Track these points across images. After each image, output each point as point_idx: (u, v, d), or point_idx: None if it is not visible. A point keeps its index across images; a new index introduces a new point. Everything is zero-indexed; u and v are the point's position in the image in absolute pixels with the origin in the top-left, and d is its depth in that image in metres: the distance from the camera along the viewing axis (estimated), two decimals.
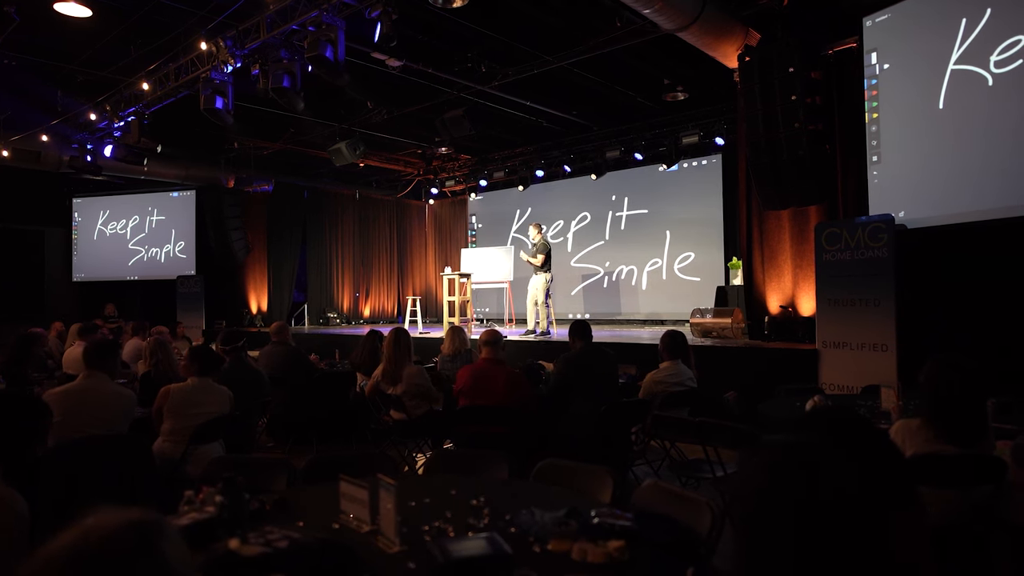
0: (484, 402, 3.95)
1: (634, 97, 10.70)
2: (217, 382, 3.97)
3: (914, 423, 2.69)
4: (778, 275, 7.45)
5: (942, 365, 2.63)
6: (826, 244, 6.26)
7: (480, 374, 4.04)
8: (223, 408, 3.59)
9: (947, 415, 2.58)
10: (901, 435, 2.69)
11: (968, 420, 2.58)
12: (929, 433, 2.61)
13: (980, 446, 2.61)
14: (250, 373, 4.39)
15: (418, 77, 9.44)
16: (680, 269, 11.92)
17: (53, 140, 10.07)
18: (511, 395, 3.99)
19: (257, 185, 13.63)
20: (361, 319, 15.07)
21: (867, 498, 1.06)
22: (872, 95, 6.30)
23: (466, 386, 4.02)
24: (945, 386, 2.59)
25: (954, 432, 2.58)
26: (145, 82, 8.04)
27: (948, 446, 2.56)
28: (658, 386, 4.47)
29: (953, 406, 2.57)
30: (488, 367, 4.07)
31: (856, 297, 6.03)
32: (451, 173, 14.65)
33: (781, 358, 6.64)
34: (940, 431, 2.59)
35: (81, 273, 14.64)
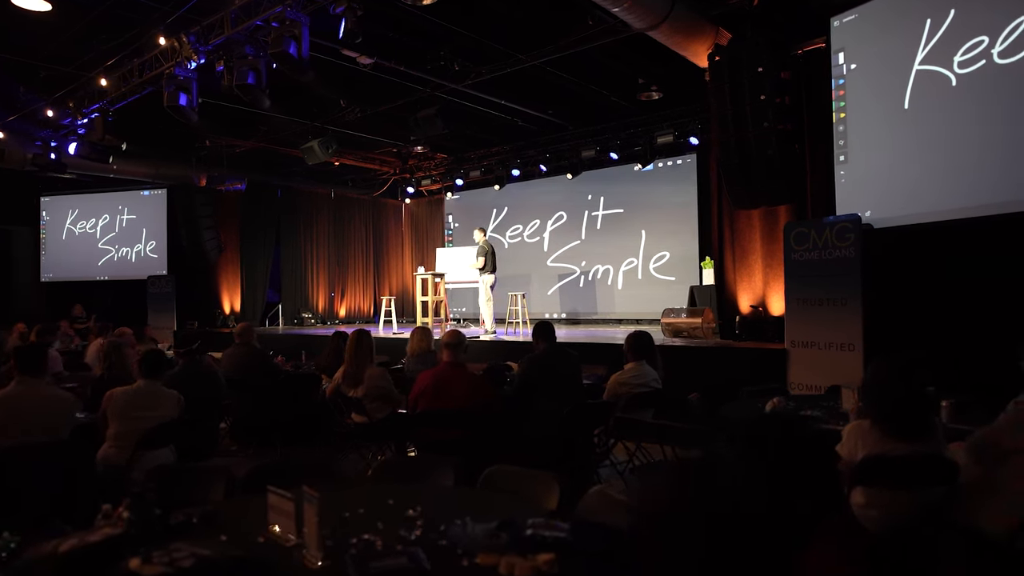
0: (444, 406, 3.87)
1: (608, 96, 10.67)
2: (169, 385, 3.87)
3: (865, 423, 2.70)
4: (749, 275, 7.46)
5: (882, 363, 2.67)
6: (794, 244, 6.26)
7: (440, 378, 3.96)
8: (171, 412, 3.49)
9: (891, 412, 2.59)
10: (854, 436, 2.70)
11: (913, 415, 2.60)
12: (878, 432, 2.62)
13: (929, 442, 2.62)
14: (205, 376, 4.28)
15: (391, 75, 9.34)
16: (656, 268, 11.93)
17: (15, 137, 9.83)
18: (472, 399, 3.92)
19: (230, 184, 13.42)
20: (337, 319, 14.92)
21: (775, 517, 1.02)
22: (839, 95, 6.31)
23: (426, 390, 3.94)
24: (886, 383, 2.62)
25: (902, 428, 2.59)
26: (108, 78, 7.86)
27: (899, 443, 2.57)
28: (622, 387, 4.42)
29: (896, 402, 2.59)
30: (448, 371, 4.00)
31: (824, 297, 6.04)
32: (427, 172, 14.56)
33: (751, 358, 6.64)
34: (887, 428, 2.60)
35: (49, 273, 14.36)
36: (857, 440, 2.69)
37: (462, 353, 4.08)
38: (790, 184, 6.81)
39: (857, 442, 2.68)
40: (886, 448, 2.58)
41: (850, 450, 2.70)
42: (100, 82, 8.05)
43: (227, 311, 13.83)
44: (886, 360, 2.71)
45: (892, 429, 2.60)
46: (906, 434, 2.59)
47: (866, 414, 2.75)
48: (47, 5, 7.01)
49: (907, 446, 2.56)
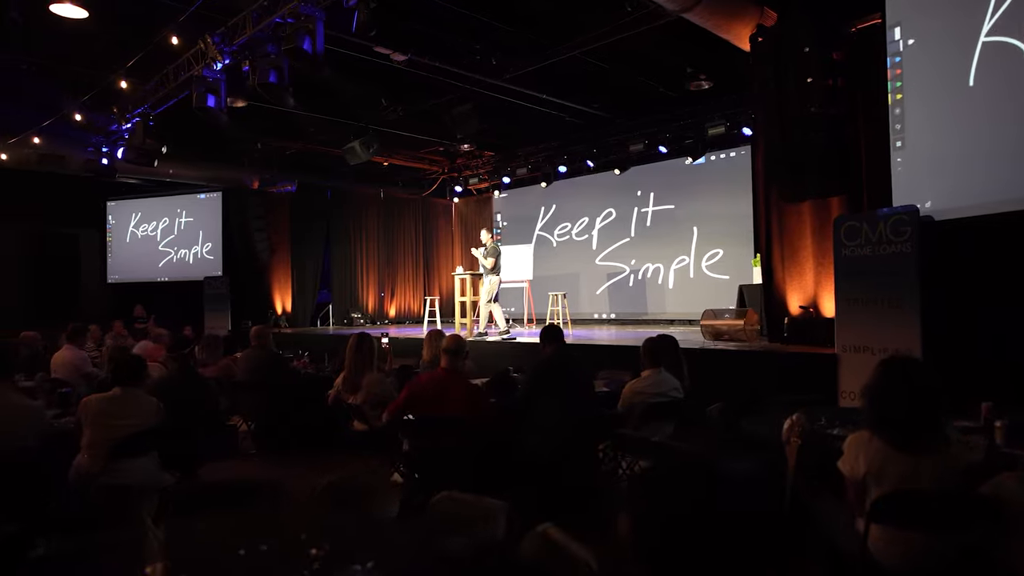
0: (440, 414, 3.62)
1: (656, 87, 10.21)
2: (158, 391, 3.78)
3: (866, 434, 2.42)
4: (799, 273, 6.90)
5: (882, 364, 2.42)
6: (845, 239, 5.71)
7: (437, 385, 3.71)
8: (147, 420, 3.37)
9: (890, 419, 2.33)
10: (854, 449, 2.42)
11: (915, 423, 2.31)
12: (879, 443, 2.35)
13: (939, 454, 2.31)
14: (196, 382, 4.17)
15: (428, 72, 9.20)
16: (708, 267, 11.36)
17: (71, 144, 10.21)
18: (469, 409, 3.65)
19: (281, 186, 13.63)
20: (386, 319, 14.95)
21: None
22: (896, 74, 5.71)
23: (420, 396, 3.70)
24: (884, 387, 2.36)
25: (905, 438, 2.32)
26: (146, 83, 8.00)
27: (902, 454, 2.28)
28: (637, 397, 4.07)
29: (895, 408, 2.32)
30: (445, 378, 3.74)
31: (878, 297, 5.47)
32: (475, 171, 14.39)
33: (798, 363, 6.11)
34: (888, 438, 2.33)
35: (115, 275, 14.95)
36: (858, 453, 2.38)
37: (461, 361, 3.82)
38: (842, 174, 6.24)
39: (858, 456, 2.38)
40: (888, 461, 2.29)
41: (852, 465, 2.39)
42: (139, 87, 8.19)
43: (279, 311, 14.05)
44: (887, 361, 2.44)
45: (893, 439, 2.32)
46: (910, 445, 2.30)
47: (866, 423, 2.43)
48: (84, 12, 7.16)
49: (912, 459, 2.28)
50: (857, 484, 2.38)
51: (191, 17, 7.17)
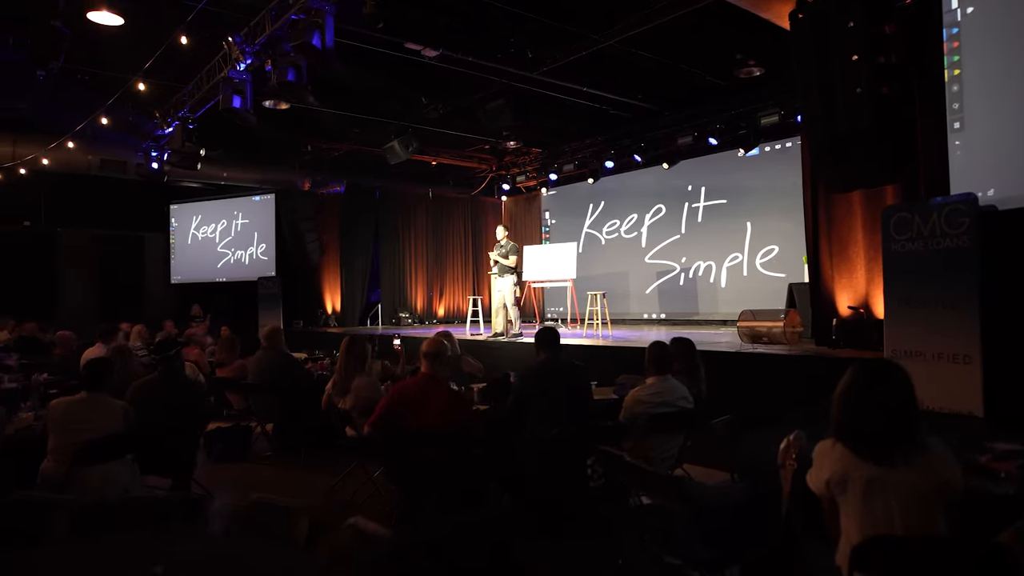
0: (420, 423, 3.40)
1: (703, 76, 9.70)
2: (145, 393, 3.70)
3: (830, 441, 2.16)
4: (849, 270, 6.33)
5: (857, 371, 2.16)
6: (895, 232, 5.15)
7: (418, 391, 3.48)
8: (111, 425, 3.28)
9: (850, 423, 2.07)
10: (819, 457, 2.16)
11: (890, 437, 2.02)
12: (841, 450, 2.08)
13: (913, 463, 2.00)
14: (182, 384, 4.08)
15: (463, 68, 9.02)
16: (763, 264, 10.73)
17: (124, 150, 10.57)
18: (450, 418, 3.41)
19: (331, 187, 13.78)
20: (435, 319, 14.90)
21: None
22: (952, 48, 5.11)
23: (400, 403, 3.48)
24: (848, 390, 2.11)
25: (869, 445, 2.03)
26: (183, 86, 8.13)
27: (865, 463, 2.02)
28: (639, 406, 3.72)
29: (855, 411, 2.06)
30: (425, 385, 3.51)
31: (931, 297, 4.91)
32: (522, 168, 14.14)
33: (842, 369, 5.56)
34: (851, 445, 2.06)
35: (178, 276, 15.48)
36: (823, 461, 2.12)
37: (442, 365, 3.58)
38: (896, 160, 5.65)
39: (823, 463, 2.11)
40: (852, 467, 2.02)
41: (816, 476, 2.12)
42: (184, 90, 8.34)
43: (329, 311, 14.21)
44: (859, 365, 2.17)
45: (856, 447, 2.04)
46: (875, 453, 2.01)
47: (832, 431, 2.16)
48: (119, 19, 7.31)
49: (877, 469, 2.01)
50: (826, 499, 2.11)
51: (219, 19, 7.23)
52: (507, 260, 8.94)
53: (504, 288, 8.95)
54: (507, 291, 8.91)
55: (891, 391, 2.04)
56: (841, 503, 2.06)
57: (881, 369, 2.11)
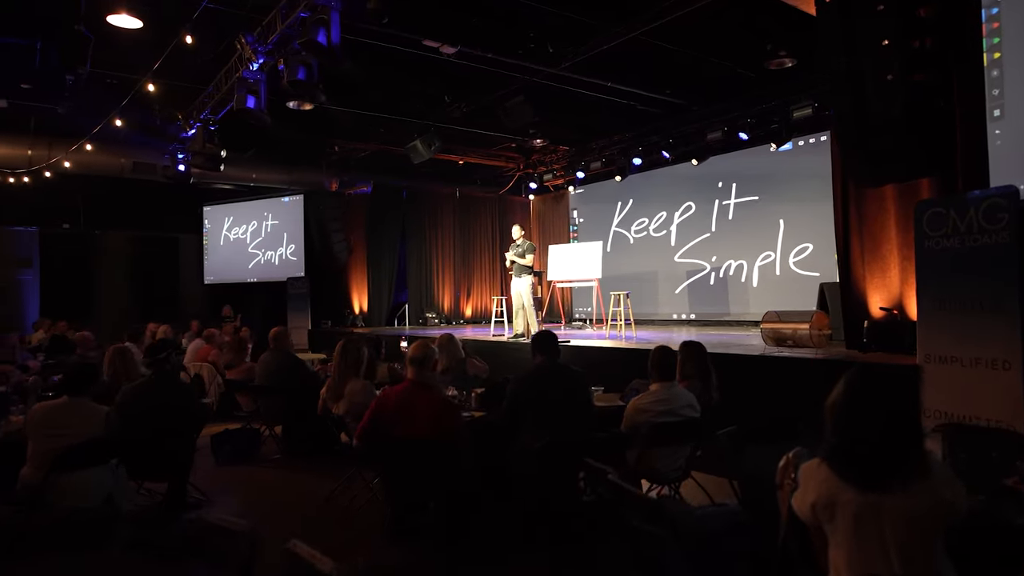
0: (406, 431, 3.25)
1: (733, 68, 9.36)
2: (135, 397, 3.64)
3: (816, 461, 1.91)
4: (881, 269, 5.98)
5: (851, 384, 1.87)
6: (928, 228, 4.83)
7: (400, 400, 3.34)
8: (90, 431, 3.21)
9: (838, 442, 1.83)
10: (806, 478, 1.91)
11: (880, 451, 1.76)
12: (826, 471, 1.82)
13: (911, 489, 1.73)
14: (175, 387, 4.00)
15: (484, 64, 8.87)
16: (796, 263, 10.33)
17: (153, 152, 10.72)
18: (436, 426, 3.25)
19: (358, 187, 13.80)
20: (462, 319, 14.80)
21: None
22: (992, 28, 4.74)
23: (386, 410, 3.34)
24: (839, 403, 1.85)
25: (859, 470, 1.77)
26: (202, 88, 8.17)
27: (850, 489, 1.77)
28: (641, 415, 3.51)
29: (845, 429, 1.81)
30: (411, 391, 3.36)
31: (968, 298, 4.57)
32: (549, 166, 13.93)
33: None
34: (836, 468, 1.81)
35: (211, 276, 15.71)
36: (808, 482, 1.87)
37: (429, 371, 3.42)
38: (930, 152, 5.28)
39: (808, 485, 1.87)
40: (835, 493, 1.79)
41: (801, 500, 1.87)
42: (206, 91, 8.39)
43: (356, 311, 14.23)
44: (851, 372, 1.91)
45: (842, 471, 1.79)
46: (864, 479, 1.76)
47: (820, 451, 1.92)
48: (138, 22, 7.36)
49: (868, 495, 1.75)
50: (813, 527, 1.87)
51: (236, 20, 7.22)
52: (524, 260, 8.75)
53: (522, 288, 8.77)
54: (525, 291, 8.73)
55: (889, 407, 1.79)
56: (829, 532, 1.83)
57: (878, 380, 1.84)
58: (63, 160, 10.30)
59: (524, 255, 8.80)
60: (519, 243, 8.96)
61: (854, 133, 5.51)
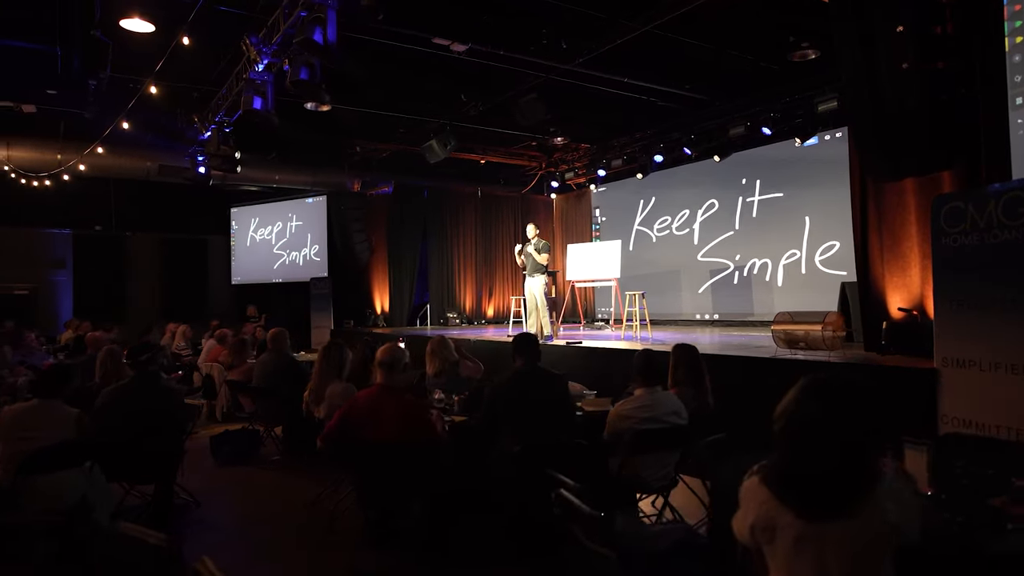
0: (372, 436, 3.16)
1: (755, 61, 9.09)
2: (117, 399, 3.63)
3: (756, 479, 1.72)
4: (901, 268, 5.68)
5: (806, 391, 1.67)
6: (946, 224, 4.55)
7: (368, 404, 3.25)
8: (61, 434, 3.19)
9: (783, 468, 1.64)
10: (745, 496, 1.72)
11: (827, 484, 1.58)
12: (766, 493, 1.65)
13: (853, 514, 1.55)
14: (157, 390, 3.97)
15: (496, 62, 8.77)
16: (822, 261, 9.99)
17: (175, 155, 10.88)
18: (404, 431, 3.16)
19: (379, 187, 13.83)
20: (484, 319, 14.72)
21: None
22: (1015, 11, 4.45)
23: (353, 414, 3.25)
24: (800, 426, 1.62)
25: (803, 497, 1.58)
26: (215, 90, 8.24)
27: (788, 515, 1.58)
28: (623, 422, 3.35)
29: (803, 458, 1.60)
30: (379, 395, 3.26)
31: (988, 298, 4.29)
32: (571, 165, 13.75)
33: (889, 380, 4.98)
34: (779, 491, 1.62)
35: (238, 276, 15.94)
36: (748, 503, 1.69)
37: (399, 374, 3.33)
38: (951, 143, 5.01)
39: (748, 505, 1.69)
40: (775, 515, 1.60)
41: (740, 521, 1.70)
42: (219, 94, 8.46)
43: (378, 311, 14.26)
44: (803, 383, 1.69)
45: (783, 494, 1.60)
46: (807, 509, 1.57)
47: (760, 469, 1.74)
48: (151, 27, 7.44)
49: (805, 525, 1.57)
50: (753, 549, 1.69)
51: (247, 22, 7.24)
52: (539, 258, 8.62)
53: (535, 288, 8.63)
54: (538, 291, 8.59)
55: (846, 438, 1.58)
56: (768, 555, 1.66)
57: (837, 401, 1.62)
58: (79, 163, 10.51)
59: (540, 253, 8.67)
60: (534, 242, 8.83)
61: (869, 125, 5.27)
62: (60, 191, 12.41)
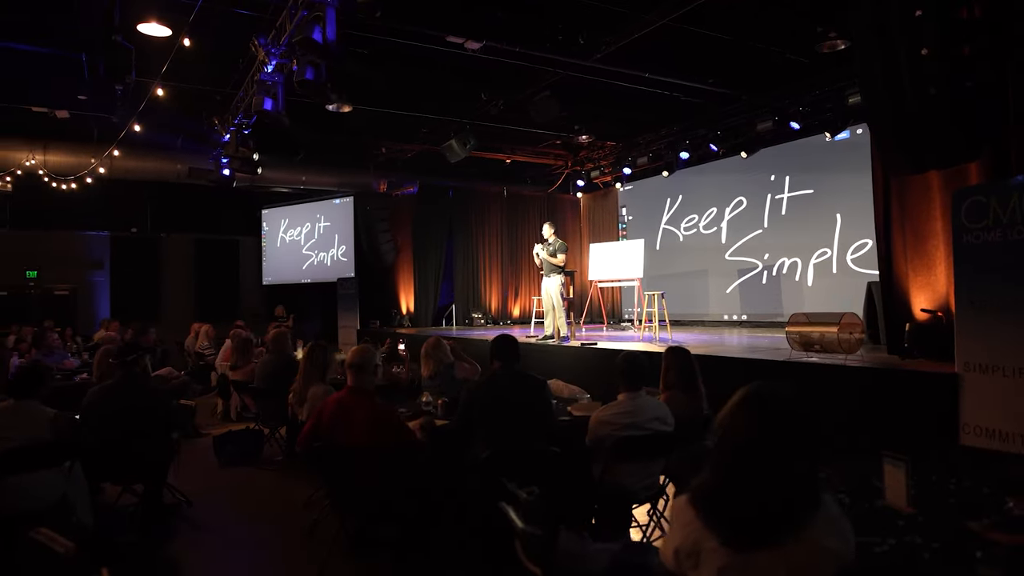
0: (340, 440, 3.08)
1: (781, 53, 8.77)
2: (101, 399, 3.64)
3: (683, 499, 1.55)
4: (927, 267, 5.38)
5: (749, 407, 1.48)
6: (967, 220, 4.28)
7: (337, 409, 3.16)
8: (32, 435, 3.19)
9: (709, 492, 1.48)
10: (673, 517, 1.58)
11: (762, 516, 1.40)
12: (692, 514, 1.48)
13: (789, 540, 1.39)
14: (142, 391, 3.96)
15: (513, 59, 8.66)
16: (854, 260, 9.60)
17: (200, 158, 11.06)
18: (373, 434, 3.06)
19: (405, 187, 13.85)
20: (509, 320, 14.61)
21: None
22: None
23: (323, 417, 3.18)
24: (729, 436, 1.48)
25: (734, 526, 1.42)
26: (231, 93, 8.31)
27: (715, 538, 1.42)
28: (604, 428, 3.20)
29: (739, 487, 1.42)
30: (348, 399, 3.18)
31: (1011, 298, 4.01)
32: (596, 163, 13.55)
33: (910, 386, 4.70)
34: (707, 515, 1.45)
35: (269, 277, 16.16)
36: (674, 524, 1.54)
37: (370, 376, 3.23)
38: (976, 132, 4.70)
39: (674, 527, 1.54)
40: (701, 540, 1.45)
41: (666, 544, 1.55)
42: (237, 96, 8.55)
43: (404, 311, 14.28)
44: (742, 398, 1.50)
45: (710, 520, 1.44)
46: (736, 538, 1.41)
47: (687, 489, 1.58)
48: (167, 31, 7.54)
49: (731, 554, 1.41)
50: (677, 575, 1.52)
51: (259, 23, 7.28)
52: (555, 259, 8.46)
53: (551, 288, 8.48)
54: (554, 291, 8.44)
55: (791, 471, 1.42)
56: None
57: (786, 423, 1.44)
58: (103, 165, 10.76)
59: (555, 254, 8.52)
60: (550, 242, 8.69)
61: (888, 118, 4.98)
62: (98, 195, 12.77)
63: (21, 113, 10.42)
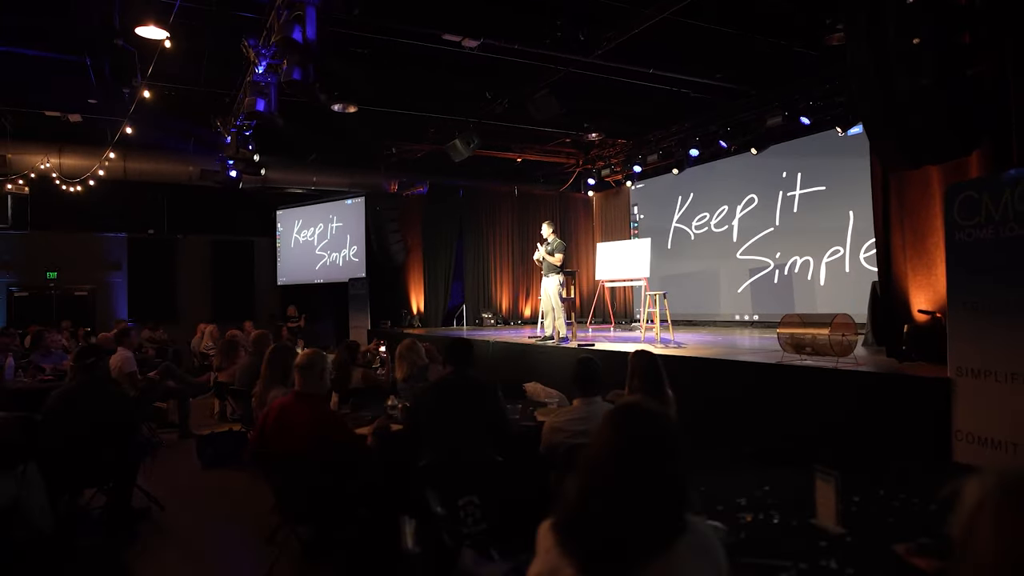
0: (281, 445, 3.01)
1: (788, 47, 8.54)
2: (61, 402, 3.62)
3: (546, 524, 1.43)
4: (925, 266, 5.15)
5: (607, 424, 1.43)
6: (959, 217, 4.06)
7: (279, 413, 3.09)
8: None
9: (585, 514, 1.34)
10: (539, 538, 1.44)
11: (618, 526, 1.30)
12: (552, 539, 1.37)
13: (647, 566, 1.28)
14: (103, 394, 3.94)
15: (514, 56, 8.56)
16: (867, 258, 9.30)
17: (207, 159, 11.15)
18: (315, 440, 2.99)
19: (415, 188, 13.82)
20: (520, 320, 14.50)
21: None
22: None
23: (265, 426, 3.11)
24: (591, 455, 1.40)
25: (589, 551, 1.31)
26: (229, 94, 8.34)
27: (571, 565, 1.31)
28: (556, 435, 3.08)
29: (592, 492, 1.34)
30: (294, 402, 3.11)
31: (1004, 298, 3.79)
32: (607, 161, 13.37)
33: (898, 391, 4.49)
34: (564, 539, 1.34)
35: (283, 277, 16.27)
36: (538, 550, 1.41)
37: (316, 380, 3.15)
38: (974, 124, 4.47)
39: (538, 552, 1.41)
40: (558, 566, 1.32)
41: (531, 568, 1.41)
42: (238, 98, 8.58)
43: (414, 311, 14.26)
44: (612, 422, 1.43)
45: (567, 544, 1.34)
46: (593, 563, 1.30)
47: None
48: (165, 33, 7.58)
49: None
50: None
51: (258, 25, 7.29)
52: (552, 258, 8.33)
53: (550, 288, 8.35)
54: (553, 291, 8.30)
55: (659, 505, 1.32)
56: None
57: (632, 437, 1.36)
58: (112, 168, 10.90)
59: (553, 254, 8.39)
60: (549, 241, 8.55)
61: (880, 110, 4.77)
62: (115, 197, 12.99)
63: (36, 118, 10.62)
